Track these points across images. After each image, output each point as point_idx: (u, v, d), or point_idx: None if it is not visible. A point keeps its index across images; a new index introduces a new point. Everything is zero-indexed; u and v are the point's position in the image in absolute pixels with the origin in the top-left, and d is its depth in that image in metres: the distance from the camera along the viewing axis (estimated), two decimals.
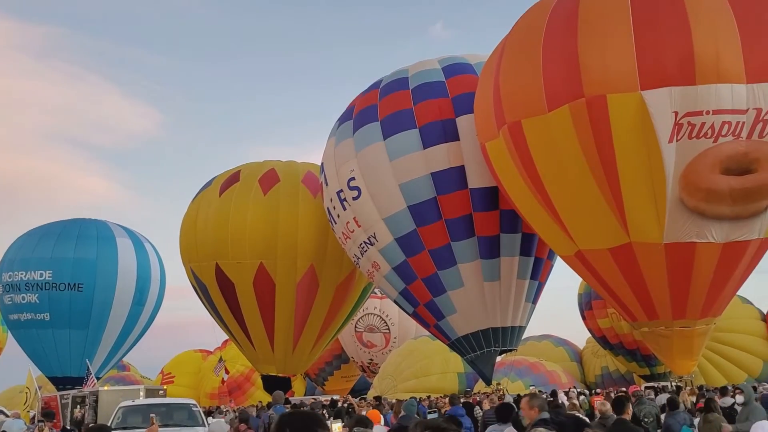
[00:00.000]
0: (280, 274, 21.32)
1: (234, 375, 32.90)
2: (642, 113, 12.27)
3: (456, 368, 26.62)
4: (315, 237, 21.51)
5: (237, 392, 33.54)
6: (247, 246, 21.28)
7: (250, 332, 22.05)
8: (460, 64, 18.16)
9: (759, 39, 12.11)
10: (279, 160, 23.99)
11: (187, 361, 37.38)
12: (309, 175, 22.70)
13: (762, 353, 28.33)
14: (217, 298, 22.17)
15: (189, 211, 23.41)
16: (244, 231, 21.31)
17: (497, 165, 15.09)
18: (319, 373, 34.71)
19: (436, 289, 17.64)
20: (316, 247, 21.55)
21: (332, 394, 27.42)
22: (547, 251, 18.03)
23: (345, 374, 34.80)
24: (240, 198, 21.91)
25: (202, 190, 23.56)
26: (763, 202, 13.05)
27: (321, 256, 21.63)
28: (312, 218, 21.54)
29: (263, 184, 22.12)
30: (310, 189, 22.15)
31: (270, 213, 21.46)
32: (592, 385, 31.78)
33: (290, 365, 22.65)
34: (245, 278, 21.36)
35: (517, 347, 19.46)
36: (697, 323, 14.57)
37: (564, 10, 13.43)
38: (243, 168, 23.39)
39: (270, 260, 21.26)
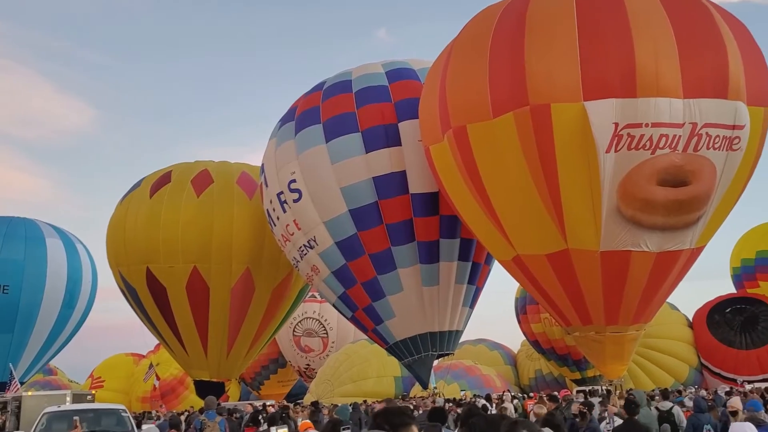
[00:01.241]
0: (214, 278, 20.85)
1: (167, 378, 32.11)
2: (584, 123, 12.44)
3: (393, 372, 26.63)
4: (251, 240, 21.09)
5: (170, 396, 32.72)
6: (179, 249, 20.71)
7: (183, 337, 21.48)
8: (404, 69, 18.14)
9: (695, 56, 12.44)
10: (211, 161, 23.40)
11: (118, 365, 36.30)
12: (244, 176, 22.24)
13: (688, 359, 29.31)
14: (147, 303, 21.51)
15: (117, 214, 22.60)
16: (177, 234, 20.72)
17: (440, 169, 15.12)
18: (254, 377, 34.16)
19: (375, 293, 17.56)
20: (251, 250, 21.13)
21: (268, 399, 26.97)
22: (485, 256, 18.17)
23: (281, 379, 34.35)
24: (172, 200, 21.28)
25: (130, 192, 22.77)
26: (696, 214, 13.42)
27: (257, 259, 21.22)
28: (248, 220, 21.13)
29: (196, 185, 21.55)
30: (245, 190, 21.72)
31: (204, 215, 20.94)
32: (526, 388, 32.30)
33: (224, 370, 22.17)
34: (178, 282, 20.78)
35: (454, 351, 19.54)
36: (629, 329, 14.92)
37: (512, 18, 13.53)
38: (174, 168, 22.71)
39: (204, 264, 20.75)
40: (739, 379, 28.25)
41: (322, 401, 22.63)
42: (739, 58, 12.77)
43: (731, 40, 12.77)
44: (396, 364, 24.06)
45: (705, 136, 12.57)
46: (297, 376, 34.33)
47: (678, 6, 12.86)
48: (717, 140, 12.70)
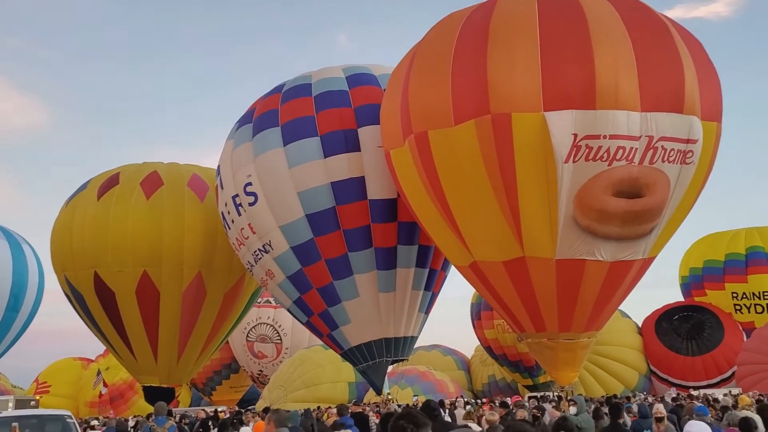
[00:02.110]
0: (165, 283, 20.35)
1: (116, 383, 31.36)
2: (543, 133, 12.55)
3: (347, 378, 26.50)
4: (202, 243, 20.68)
5: (119, 401, 31.92)
6: (129, 253, 20.17)
7: (132, 343, 20.94)
8: (365, 74, 18.01)
9: (653, 71, 12.66)
10: (160, 162, 22.85)
11: (65, 370, 35.24)
12: (195, 178, 21.79)
13: (638, 365, 29.86)
14: (95, 308, 20.90)
15: (62, 216, 21.89)
16: (126, 237, 20.17)
17: (400, 173, 15.10)
18: (206, 382, 33.60)
19: (331, 299, 17.40)
20: (203, 254, 20.72)
21: (219, 405, 26.57)
22: (442, 262, 18.19)
23: (234, 384, 33.86)
24: (120, 202, 20.71)
25: (76, 194, 22.07)
26: (649, 225, 13.66)
27: (209, 263, 20.83)
28: (199, 224, 20.71)
29: (146, 187, 21.00)
30: (196, 193, 21.29)
31: (154, 218, 20.43)
32: (480, 393, 32.50)
33: (174, 375, 21.68)
34: (127, 287, 20.24)
35: (409, 357, 19.53)
36: (581, 336, 15.13)
37: (475, 26, 13.59)
38: (122, 170, 22.09)
39: (154, 268, 20.23)
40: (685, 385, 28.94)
41: (274, 407, 22.36)
42: (695, 74, 13.03)
43: (687, 56, 13.03)
44: (350, 370, 23.93)
45: (660, 150, 12.79)
46: (250, 382, 33.90)
47: (637, 21, 13.09)
48: (672, 153, 12.93)
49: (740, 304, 30.93)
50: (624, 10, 13.14)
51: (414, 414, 3.64)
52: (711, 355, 29.84)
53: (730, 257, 31.11)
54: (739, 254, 30.98)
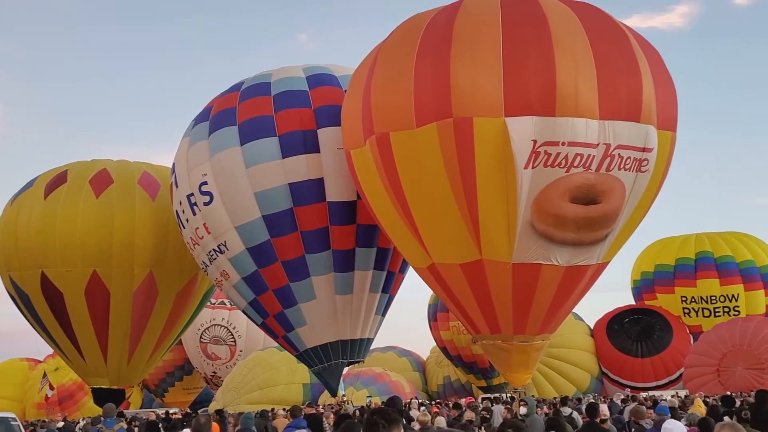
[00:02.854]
0: (115, 283, 19.89)
1: (66, 383, 30.56)
2: (504, 138, 12.63)
3: (302, 379, 26.32)
4: (154, 242, 20.26)
5: (68, 402, 31.09)
6: (78, 253, 19.62)
7: (81, 344, 20.39)
8: (325, 75, 17.83)
9: (612, 80, 12.81)
10: (110, 160, 22.30)
11: (10, 371, 34.12)
12: (145, 176, 21.31)
13: (590, 368, 30.36)
14: (41, 309, 20.33)
15: (7, 215, 21.18)
16: (75, 237, 19.59)
17: (361, 173, 15.03)
18: (158, 384, 32.98)
19: (287, 300, 17.22)
20: (155, 253, 20.29)
21: (171, 407, 26.09)
22: (400, 265, 18.17)
23: (187, 386, 33.30)
24: (69, 201, 20.10)
25: (21, 192, 21.39)
26: (604, 231, 13.85)
27: (160, 262, 20.40)
28: (150, 222, 20.28)
29: (95, 185, 20.45)
30: (147, 191, 20.82)
31: (104, 217, 19.91)
32: (434, 394, 32.62)
33: (125, 377, 21.22)
34: (76, 287, 19.69)
35: (365, 359, 19.48)
36: (535, 339, 15.27)
37: (439, 29, 13.57)
38: (70, 168, 21.46)
39: (104, 268, 19.74)
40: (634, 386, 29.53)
41: (228, 409, 22.08)
42: (652, 84, 13.22)
43: (645, 66, 13.21)
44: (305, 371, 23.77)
45: (617, 158, 12.96)
46: (204, 384, 33.41)
47: (598, 29, 13.24)
48: (628, 162, 13.11)
49: (689, 308, 31.71)
50: (585, 18, 13.27)
51: (386, 411, 3.80)
52: (660, 357, 30.54)
53: (680, 262, 31.87)
54: (688, 259, 31.76)
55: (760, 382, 23.50)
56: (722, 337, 26.09)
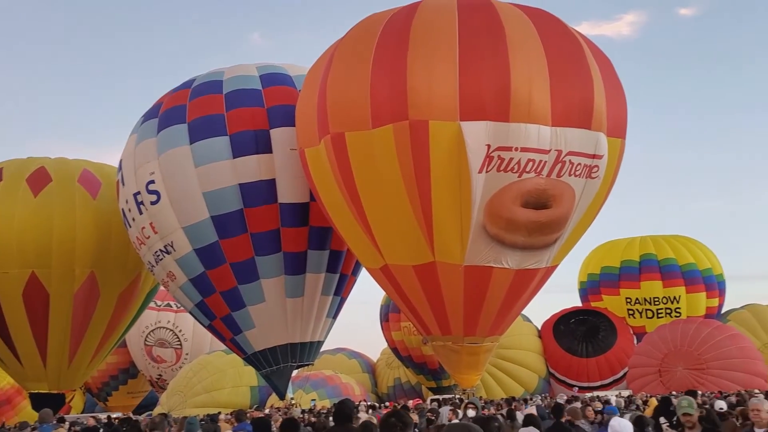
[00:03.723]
0: (55, 284, 19.12)
1: (4, 387, 29.32)
2: (458, 142, 12.75)
3: (249, 382, 25.87)
4: (95, 242, 19.52)
5: (5, 407, 29.79)
6: (15, 254, 18.81)
7: (18, 348, 19.59)
8: (279, 74, 17.54)
9: (565, 87, 13.03)
10: (47, 157, 21.35)
11: None
12: (86, 174, 20.50)
13: (537, 368, 30.70)
14: None
15: None
16: (11, 237, 18.80)
17: (314, 172, 14.91)
18: (101, 387, 32.02)
19: (235, 303, 16.92)
20: (96, 254, 19.56)
21: (115, 411, 25.41)
22: (352, 267, 18.05)
23: (132, 390, 32.40)
24: (5, 200, 19.28)
25: None
26: (554, 236, 14.07)
27: (102, 262, 19.70)
28: (91, 222, 19.54)
29: (32, 184, 19.61)
30: (87, 189, 20.04)
31: (42, 217, 19.12)
32: (384, 396, 32.48)
33: (65, 380, 20.46)
34: (13, 290, 18.91)
35: (314, 362, 19.30)
36: (485, 340, 15.45)
37: (395, 30, 13.58)
38: (5, 166, 20.52)
39: (43, 269, 18.96)
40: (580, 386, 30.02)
41: (173, 413, 21.57)
42: (603, 91, 13.47)
43: (597, 73, 13.46)
44: (252, 374, 23.45)
45: (568, 164, 13.19)
46: (149, 387, 32.57)
47: (552, 37, 13.42)
48: (578, 168, 13.34)
49: (633, 309, 32.35)
50: (540, 25, 13.45)
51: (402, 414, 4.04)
52: (605, 357, 31.07)
53: (624, 264, 32.49)
54: (633, 261, 32.40)
55: (700, 381, 24.06)
56: (664, 338, 26.61)
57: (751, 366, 25.17)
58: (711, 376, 24.70)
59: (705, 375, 24.97)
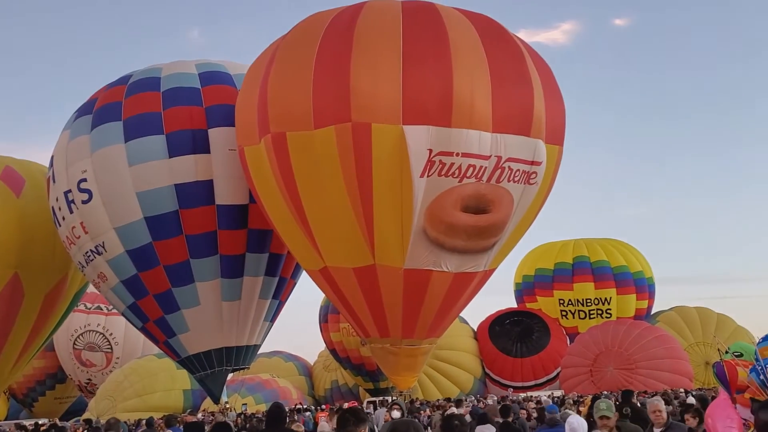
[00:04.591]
0: None
1: None
2: (401, 146, 12.68)
3: (182, 385, 25.35)
4: (19, 242, 18.54)
5: None
6: None
7: None
8: (219, 72, 17.10)
9: (506, 93, 13.08)
10: None
11: None
12: (8, 171, 19.52)
13: (473, 369, 31.12)
14: None
15: None
16: None
17: (254, 171, 14.61)
18: (27, 393, 30.82)
19: (168, 306, 16.44)
20: (20, 253, 18.60)
21: (41, 417, 24.45)
22: (292, 271, 17.79)
23: (60, 395, 31.28)
24: None
25: None
26: (492, 240, 14.18)
27: (27, 263, 18.75)
28: (15, 220, 18.56)
29: None
30: (11, 187, 19.08)
31: None
32: (321, 399, 32.36)
33: None
34: None
35: (250, 365, 18.99)
36: (423, 342, 15.48)
37: (340, 30, 13.38)
38: None
39: None
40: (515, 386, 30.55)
41: (102, 419, 20.90)
42: (543, 98, 13.59)
43: (537, 81, 13.56)
44: (185, 377, 22.96)
45: (507, 170, 13.28)
46: (78, 393, 31.55)
47: (495, 43, 13.46)
48: (517, 174, 13.45)
49: (566, 310, 33.17)
50: (483, 31, 13.48)
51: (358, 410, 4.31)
52: (538, 357, 31.76)
53: (558, 266, 33.30)
54: (566, 263, 33.22)
55: (629, 381, 24.79)
56: (596, 339, 27.32)
57: (677, 366, 26.11)
58: (640, 376, 25.49)
59: (634, 375, 25.74)
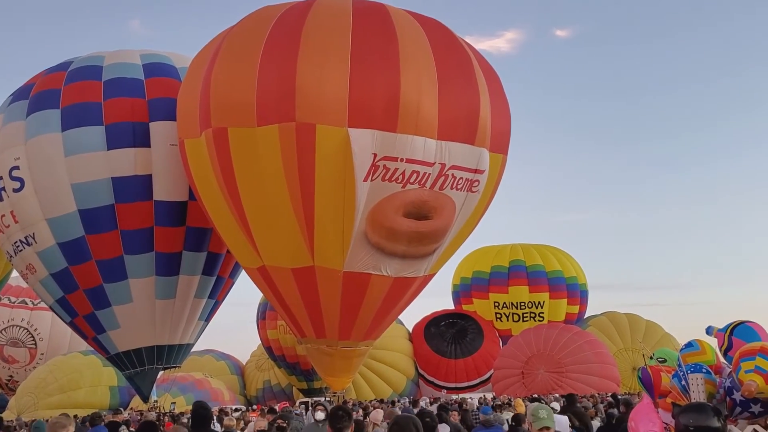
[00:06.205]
0: None
1: None
2: (345, 148, 12.55)
3: (109, 381, 24.66)
4: None
5: None
6: None
7: None
8: (164, 65, 16.65)
9: (453, 101, 13.11)
10: None
11: None
12: None
13: (407, 370, 31.29)
14: None
15: None
16: None
17: (193, 165, 14.31)
18: None
19: (99, 302, 16.00)
20: None
21: None
22: (230, 270, 17.53)
23: None
24: None
25: None
26: (433, 246, 14.24)
27: None
28: None
29: None
30: None
31: None
32: (253, 399, 31.98)
33: None
34: None
35: (182, 364, 18.64)
36: (359, 345, 15.48)
37: (288, 26, 13.15)
38: None
39: None
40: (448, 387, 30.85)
41: (23, 416, 20.18)
42: (489, 107, 13.66)
43: (485, 89, 13.63)
44: (112, 374, 22.44)
45: (450, 177, 13.34)
46: None
47: (444, 49, 13.45)
48: (460, 182, 13.54)
49: (501, 313, 33.67)
50: (433, 36, 13.45)
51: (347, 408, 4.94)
52: (472, 359, 32.12)
53: (495, 269, 33.77)
54: (502, 267, 33.72)
55: (559, 384, 25.32)
56: (528, 342, 27.75)
57: (605, 370, 26.76)
58: (569, 380, 26.01)
59: (564, 378, 26.24)
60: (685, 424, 3.42)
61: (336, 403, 16.37)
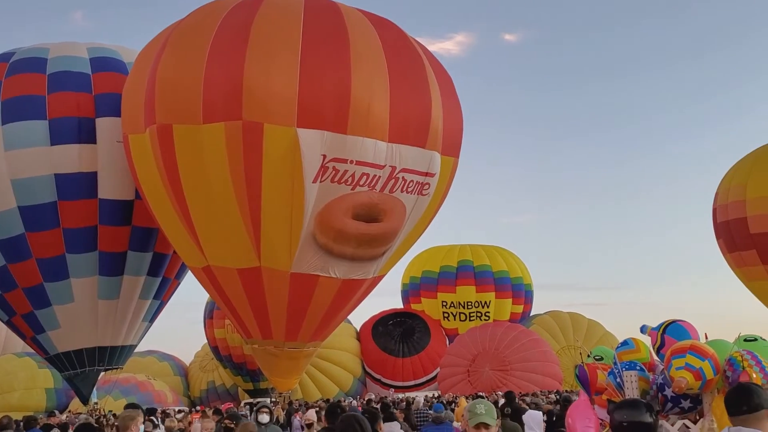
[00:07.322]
0: None
1: None
2: (294, 149, 12.42)
3: (45, 384, 23.93)
4: None
5: None
6: None
7: None
8: (112, 59, 16.21)
9: (404, 104, 13.07)
10: None
11: None
12: None
13: (353, 369, 31.29)
14: None
15: None
16: None
17: (137, 161, 13.98)
18: None
19: (39, 301, 15.60)
20: None
21: None
22: (176, 271, 17.24)
23: None
24: None
25: None
26: (382, 248, 14.23)
27: None
28: None
29: None
30: None
31: None
32: (197, 400, 31.47)
33: None
34: None
35: (124, 366, 18.25)
36: (306, 346, 15.42)
37: (237, 23, 12.89)
38: None
39: None
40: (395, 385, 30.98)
41: None
42: (441, 110, 13.66)
43: (437, 92, 13.61)
44: (49, 376, 21.85)
45: (401, 180, 13.35)
46: None
47: (395, 49, 13.42)
48: (411, 185, 13.54)
49: (448, 312, 33.98)
50: (385, 37, 13.39)
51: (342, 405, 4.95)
52: (418, 357, 32.34)
53: (443, 269, 34.05)
54: (451, 267, 34.03)
55: (503, 382, 25.68)
56: (474, 340, 28.06)
57: (548, 368, 27.26)
58: (513, 378, 26.40)
59: (508, 376, 26.62)
60: (620, 420, 3.51)
61: (282, 404, 16.26)
